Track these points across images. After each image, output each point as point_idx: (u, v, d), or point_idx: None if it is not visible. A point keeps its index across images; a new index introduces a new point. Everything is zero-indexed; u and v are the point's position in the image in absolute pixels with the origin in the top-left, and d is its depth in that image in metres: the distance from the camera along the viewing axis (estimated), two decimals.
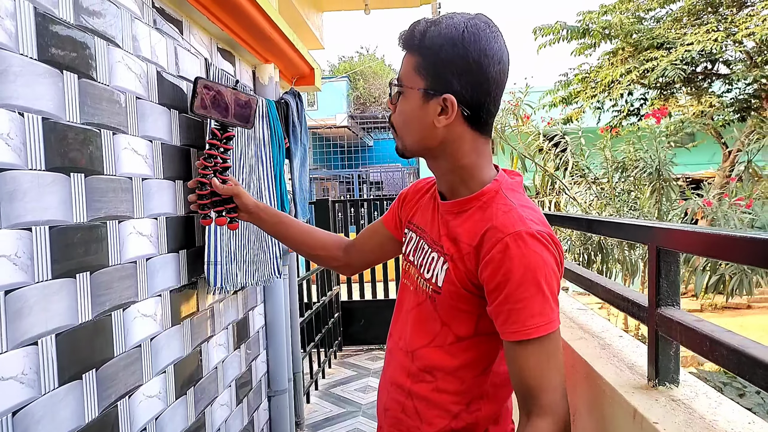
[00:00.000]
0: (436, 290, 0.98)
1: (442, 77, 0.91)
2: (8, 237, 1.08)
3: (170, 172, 1.78)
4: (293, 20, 3.89)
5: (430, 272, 1.00)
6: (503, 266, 0.86)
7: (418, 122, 0.95)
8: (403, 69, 0.96)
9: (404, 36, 0.95)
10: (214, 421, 2.08)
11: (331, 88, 13.13)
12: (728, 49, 8.34)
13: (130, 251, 1.52)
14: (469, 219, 0.95)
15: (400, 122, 0.99)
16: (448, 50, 0.90)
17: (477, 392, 0.97)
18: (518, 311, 0.86)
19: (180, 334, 1.82)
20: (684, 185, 5.88)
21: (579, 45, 9.53)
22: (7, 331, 1.07)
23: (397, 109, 0.99)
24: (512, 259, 0.85)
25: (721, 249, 0.75)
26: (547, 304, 0.86)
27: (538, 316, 0.85)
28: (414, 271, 1.06)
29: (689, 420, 0.84)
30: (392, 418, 1.07)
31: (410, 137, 0.98)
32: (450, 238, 0.97)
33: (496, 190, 0.96)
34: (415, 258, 1.07)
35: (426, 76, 0.92)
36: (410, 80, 0.94)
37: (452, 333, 0.97)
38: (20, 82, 1.12)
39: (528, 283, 0.85)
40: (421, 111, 0.94)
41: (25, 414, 1.11)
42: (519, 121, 6.04)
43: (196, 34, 2.04)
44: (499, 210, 0.92)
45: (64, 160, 1.25)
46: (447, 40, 0.90)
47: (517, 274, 0.85)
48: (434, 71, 0.91)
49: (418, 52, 0.93)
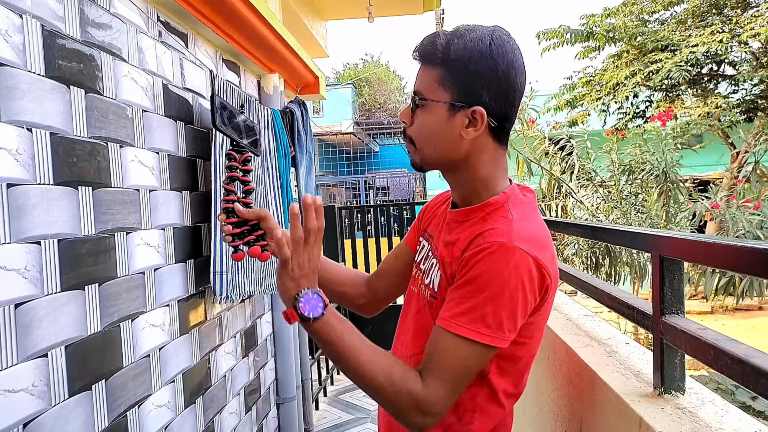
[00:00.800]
0: (433, 295, 0.99)
1: (471, 89, 0.91)
2: (18, 251, 1.09)
3: (177, 183, 1.80)
4: (297, 30, 3.91)
5: (428, 278, 1.01)
6: (470, 264, 0.87)
7: (443, 135, 0.94)
8: (422, 82, 0.94)
9: (423, 49, 0.94)
10: (223, 429, 2.09)
11: (336, 95, 13.18)
12: (733, 50, 8.31)
13: (138, 262, 1.53)
14: (469, 228, 0.95)
15: (421, 136, 0.96)
16: (477, 62, 0.89)
17: (470, 405, 0.95)
18: (456, 304, 0.87)
19: (188, 344, 1.83)
20: (692, 187, 5.86)
21: (583, 48, 9.54)
22: (17, 344, 1.08)
23: (416, 123, 0.96)
24: (480, 263, 0.86)
25: (725, 259, 0.75)
26: (479, 314, 0.84)
27: (467, 318, 0.85)
28: (420, 277, 1.07)
29: (695, 429, 0.84)
30: (388, 423, 1.07)
31: (433, 150, 0.96)
32: (446, 244, 0.98)
33: (502, 203, 0.95)
34: (423, 266, 1.08)
35: (452, 88, 0.91)
36: (433, 93, 0.93)
37: None
38: (28, 98, 1.14)
39: (477, 289, 0.85)
40: (447, 123, 0.93)
41: (36, 426, 1.12)
42: (524, 126, 6.04)
43: (201, 47, 2.06)
44: (497, 222, 0.91)
45: (72, 173, 1.27)
46: (475, 52, 0.89)
47: (475, 275, 0.86)
48: (462, 83, 0.91)
49: (442, 64, 0.91)
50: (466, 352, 0.86)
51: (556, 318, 1.58)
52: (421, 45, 0.94)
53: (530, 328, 0.93)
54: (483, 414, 0.96)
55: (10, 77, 1.09)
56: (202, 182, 2.00)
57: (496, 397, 0.96)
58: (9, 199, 1.07)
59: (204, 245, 1.98)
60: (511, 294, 0.84)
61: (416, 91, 0.95)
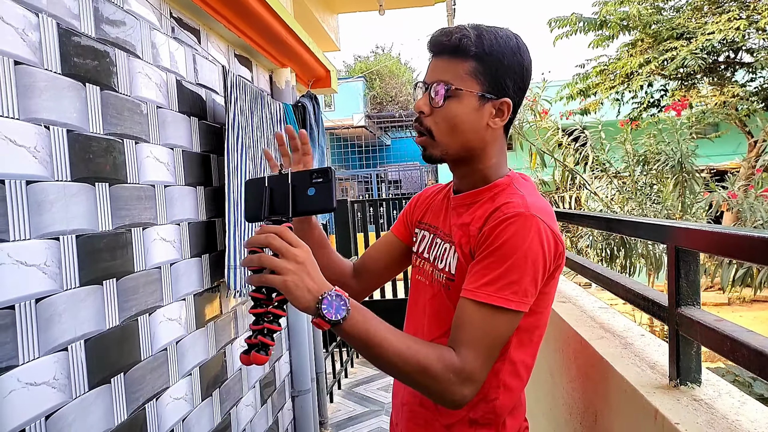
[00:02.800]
0: (450, 278, 1.00)
1: (501, 82, 0.96)
2: (37, 247, 1.11)
3: (191, 179, 1.82)
4: (309, 24, 3.91)
5: (443, 262, 1.03)
6: (492, 236, 0.90)
7: (471, 125, 0.97)
8: (449, 72, 0.95)
9: (452, 42, 0.94)
10: (239, 421, 2.12)
11: (348, 89, 13.17)
12: (751, 37, 8.15)
13: (154, 257, 1.55)
14: (480, 208, 0.99)
15: (445, 126, 0.97)
16: (510, 58, 0.95)
17: (494, 381, 0.98)
18: (481, 275, 0.89)
19: (204, 337, 1.86)
20: (708, 177, 5.78)
21: (596, 37, 9.41)
22: (38, 338, 1.10)
23: (440, 112, 0.97)
24: (502, 232, 0.89)
25: (742, 249, 0.74)
26: (507, 281, 0.88)
27: (494, 287, 0.88)
28: (429, 266, 1.08)
29: (711, 420, 0.83)
30: (409, 411, 1.08)
31: (456, 140, 0.98)
32: (459, 226, 1.01)
33: (507, 183, 1.01)
34: (429, 254, 1.09)
35: (483, 80, 0.95)
36: (464, 83, 0.95)
37: None
38: (45, 96, 1.15)
39: (502, 258, 0.88)
40: (476, 114, 0.96)
41: (57, 418, 1.15)
42: (537, 117, 5.98)
43: (213, 42, 2.07)
44: (509, 197, 0.96)
45: (89, 170, 1.28)
46: (507, 48, 0.95)
47: (499, 245, 0.89)
48: (494, 76, 0.95)
49: (476, 57, 0.94)
50: (496, 320, 0.89)
51: (571, 310, 1.58)
52: (448, 38, 0.95)
53: (545, 299, 0.96)
54: (506, 389, 0.99)
55: (27, 75, 1.11)
56: (216, 177, 2.01)
57: (517, 370, 0.99)
58: (28, 196, 1.09)
59: (218, 240, 2.00)
60: (534, 260, 0.88)
61: (443, 81, 0.95)
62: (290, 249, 0.80)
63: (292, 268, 0.79)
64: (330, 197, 0.85)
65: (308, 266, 0.81)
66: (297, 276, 0.79)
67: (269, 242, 0.80)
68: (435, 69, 0.98)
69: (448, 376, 0.87)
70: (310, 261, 0.82)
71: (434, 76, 0.97)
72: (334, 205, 0.85)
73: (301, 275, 0.80)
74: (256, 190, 0.88)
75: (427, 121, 0.98)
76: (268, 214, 0.86)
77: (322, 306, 0.80)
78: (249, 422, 2.23)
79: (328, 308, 0.80)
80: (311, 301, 0.81)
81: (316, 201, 0.85)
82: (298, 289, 0.80)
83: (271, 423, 2.50)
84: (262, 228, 0.82)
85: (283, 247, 0.80)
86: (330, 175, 0.85)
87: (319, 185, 0.85)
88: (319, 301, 0.80)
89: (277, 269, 0.79)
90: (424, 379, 0.87)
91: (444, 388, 0.87)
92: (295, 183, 0.85)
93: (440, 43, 0.96)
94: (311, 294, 0.81)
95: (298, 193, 0.85)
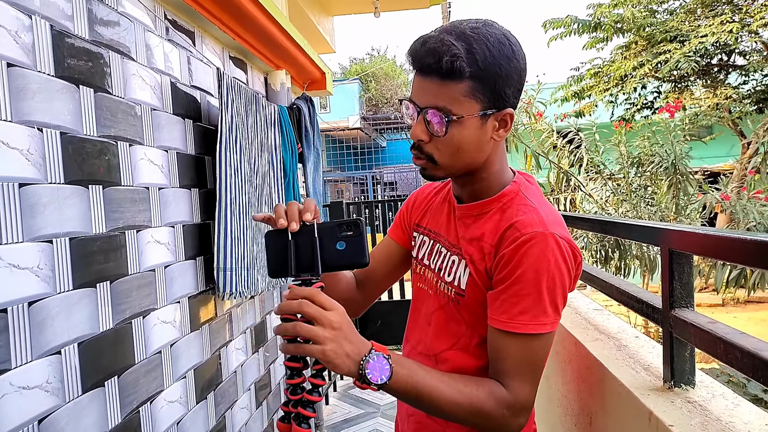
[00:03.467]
0: (459, 293, 0.97)
1: (501, 94, 0.89)
2: (30, 249, 1.11)
3: (186, 181, 1.81)
4: (304, 26, 3.91)
5: (451, 275, 0.99)
6: (514, 260, 0.87)
7: (476, 145, 0.92)
8: (445, 98, 0.87)
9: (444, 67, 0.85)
10: (234, 424, 2.11)
11: (343, 91, 13.17)
12: (744, 39, 8.21)
13: (148, 259, 1.55)
14: (489, 220, 0.95)
15: (448, 151, 0.91)
16: (506, 67, 0.88)
17: None
18: (512, 304, 0.87)
19: (199, 340, 1.85)
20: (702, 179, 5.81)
21: (590, 39, 9.46)
22: (31, 342, 1.10)
23: (444, 141, 0.90)
24: (524, 257, 0.87)
25: (735, 252, 0.74)
26: (540, 307, 0.87)
27: (529, 315, 0.86)
28: (432, 275, 1.05)
29: (705, 422, 0.83)
30: (416, 423, 1.06)
31: (461, 161, 0.93)
32: (470, 240, 0.97)
33: (516, 192, 0.96)
34: (431, 262, 1.06)
35: (482, 98, 0.88)
36: (463, 108, 0.88)
37: (477, 335, 0.97)
38: (38, 98, 1.15)
39: (530, 283, 0.86)
40: (480, 132, 0.91)
41: (50, 422, 1.14)
42: (532, 119, 6.01)
43: (208, 44, 2.07)
44: (519, 210, 0.92)
45: (83, 172, 1.28)
46: (502, 57, 0.87)
47: (523, 271, 0.87)
48: (492, 91, 0.88)
49: (471, 77, 0.86)
50: (536, 345, 0.88)
51: (565, 312, 1.58)
52: (437, 60, 0.85)
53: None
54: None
55: (20, 77, 1.10)
56: (211, 179, 2.01)
57: None
58: (21, 199, 1.08)
59: (213, 242, 1.99)
60: (560, 278, 0.88)
61: (439, 108, 0.87)
62: (325, 315, 0.76)
63: (329, 336, 0.76)
64: (363, 252, 0.80)
65: (345, 330, 0.78)
66: (335, 343, 0.76)
67: (302, 310, 0.76)
68: (427, 92, 0.88)
69: (502, 412, 0.86)
70: (346, 323, 0.78)
71: (428, 101, 0.88)
72: (367, 260, 0.81)
73: (340, 342, 0.77)
74: (278, 243, 0.82)
75: (428, 147, 0.92)
76: (296, 271, 0.80)
77: (366, 371, 0.78)
78: (244, 425, 2.22)
79: (371, 372, 0.78)
80: (352, 366, 0.78)
81: (346, 256, 0.81)
82: (338, 358, 0.76)
83: (266, 426, 2.49)
84: (291, 291, 0.78)
85: (318, 314, 0.76)
86: (361, 228, 0.80)
87: (349, 239, 0.80)
88: (362, 367, 0.78)
89: (314, 339, 0.76)
90: (479, 420, 0.87)
91: (501, 423, 0.87)
92: (322, 236, 0.80)
93: (428, 65, 0.86)
94: (351, 359, 0.77)
95: (327, 248, 0.80)
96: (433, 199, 1.12)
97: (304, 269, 0.80)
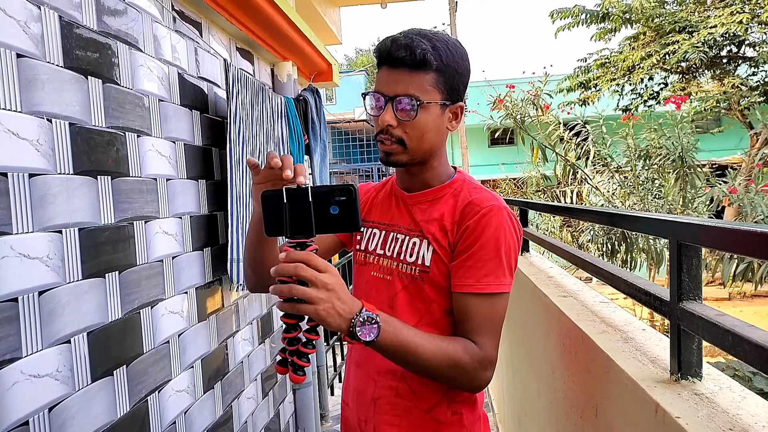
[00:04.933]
0: (424, 270, 1.07)
1: (456, 88, 1.05)
2: (40, 240, 1.12)
3: (193, 172, 1.82)
4: (310, 17, 3.90)
5: (413, 256, 1.08)
6: (476, 231, 1.01)
7: (437, 131, 1.06)
8: (414, 86, 1.00)
9: (417, 58, 0.99)
10: (241, 413, 2.13)
11: (349, 82, 13.14)
12: (753, 30, 8.12)
13: (156, 250, 1.55)
14: (446, 203, 1.08)
15: (415, 134, 1.03)
16: (461, 65, 1.05)
17: None
18: (477, 269, 1.01)
19: (206, 330, 1.86)
20: (709, 172, 5.76)
21: (598, 30, 9.38)
22: (41, 331, 1.11)
23: (409, 124, 1.02)
24: (487, 226, 1.01)
25: (744, 244, 0.74)
26: (501, 269, 1.01)
27: (492, 276, 1.00)
28: (388, 261, 1.13)
29: (712, 414, 0.83)
30: (386, 405, 1.10)
31: (426, 146, 1.06)
32: (429, 221, 1.08)
33: (462, 179, 1.12)
34: (386, 249, 1.14)
35: (443, 89, 1.03)
36: (429, 95, 1.02)
37: (440, 308, 1.07)
38: (47, 89, 1.15)
39: (492, 249, 1.00)
40: (440, 120, 1.05)
41: (60, 410, 1.15)
42: (539, 111, 5.97)
43: (215, 35, 2.07)
44: (472, 192, 1.08)
45: (91, 163, 1.29)
46: (459, 57, 1.04)
47: (484, 239, 1.01)
48: (451, 84, 1.04)
49: (437, 70, 1.01)
50: (499, 304, 1.02)
51: (572, 304, 1.58)
52: (411, 53, 0.99)
53: None
54: None
55: (30, 68, 1.10)
56: (218, 171, 2.01)
57: None
58: (31, 189, 1.09)
59: (220, 233, 2.00)
60: (514, 245, 1.04)
61: (410, 95, 1.00)
62: (318, 277, 0.81)
63: (323, 296, 0.82)
64: (355, 217, 0.84)
65: (338, 291, 0.84)
66: (328, 303, 0.82)
67: (297, 273, 0.81)
68: (398, 82, 1.01)
69: (475, 365, 0.98)
70: (339, 285, 0.84)
71: (399, 90, 1.01)
72: (359, 225, 0.85)
73: (332, 302, 0.83)
74: (274, 204, 0.85)
75: (397, 131, 1.03)
76: (290, 232, 0.84)
77: (356, 329, 0.85)
78: (250, 415, 2.24)
79: (361, 330, 0.85)
80: (343, 323, 0.84)
81: (339, 220, 0.84)
82: (330, 316, 0.83)
83: (272, 415, 2.51)
84: (287, 255, 0.82)
85: (312, 276, 0.81)
86: (353, 194, 0.84)
87: (342, 204, 0.83)
88: (353, 325, 0.85)
89: (308, 299, 0.81)
90: (455, 373, 0.97)
91: (473, 376, 0.99)
92: (316, 200, 0.83)
93: (401, 58, 0.99)
94: (342, 318, 0.84)
95: (320, 211, 0.83)
96: (375, 196, 1.23)
97: (298, 231, 0.84)
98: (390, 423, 1.09)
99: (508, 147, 15.36)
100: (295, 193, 0.83)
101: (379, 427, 1.11)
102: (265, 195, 0.87)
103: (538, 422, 1.87)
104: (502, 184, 10.64)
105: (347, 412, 1.21)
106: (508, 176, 10.52)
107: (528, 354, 1.97)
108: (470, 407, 1.11)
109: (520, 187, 10.07)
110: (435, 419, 1.08)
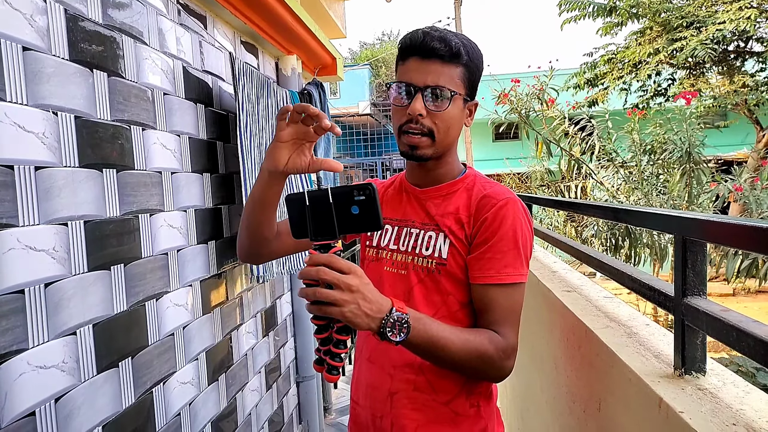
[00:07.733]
0: (441, 262, 1.07)
1: (475, 86, 1.09)
2: (46, 232, 1.12)
3: (198, 166, 1.82)
4: (315, 11, 3.89)
5: (429, 249, 1.09)
6: (494, 224, 1.03)
7: (459, 125, 1.09)
8: (444, 77, 1.02)
9: (453, 50, 1.01)
10: (245, 405, 2.14)
11: (354, 76, 13.10)
12: (762, 26, 8.05)
13: (161, 243, 1.56)
14: (460, 197, 1.10)
15: (444, 126, 1.05)
16: (480, 63, 1.08)
17: None
18: (497, 260, 1.02)
19: (211, 323, 1.87)
20: (715, 168, 5.73)
21: (605, 23, 9.31)
22: (48, 322, 1.12)
23: (440, 115, 1.03)
24: (504, 218, 1.03)
25: (750, 240, 0.74)
26: (519, 260, 1.03)
27: (511, 267, 1.02)
28: (403, 256, 1.12)
29: (715, 409, 0.83)
30: (404, 399, 1.09)
31: (449, 139, 1.08)
32: (444, 215, 1.09)
33: (474, 175, 1.14)
34: (401, 245, 1.13)
35: (466, 85, 1.06)
36: (458, 88, 1.04)
37: (456, 301, 1.07)
38: (53, 82, 1.15)
39: (509, 240, 1.02)
40: (461, 115, 1.08)
41: (66, 400, 1.16)
42: (544, 105, 5.95)
43: (219, 29, 2.07)
44: (485, 186, 1.10)
45: (97, 156, 1.29)
46: (480, 55, 1.08)
47: (503, 231, 1.02)
48: (472, 81, 1.07)
49: (465, 64, 1.04)
50: (517, 294, 1.04)
51: (576, 299, 1.58)
52: (446, 45, 1.01)
53: None
54: None
55: (36, 61, 1.11)
56: (223, 164, 2.02)
57: None
58: (37, 182, 1.10)
59: (224, 227, 2.01)
60: (529, 236, 1.07)
61: (443, 86, 1.02)
62: (342, 279, 0.81)
63: (347, 298, 0.81)
64: (376, 216, 0.83)
65: (363, 291, 0.83)
66: (354, 305, 0.82)
67: (320, 277, 0.80)
68: (429, 72, 1.01)
69: (500, 354, 0.99)
70: (363, 285, 0.83)
71: (432, 80, 1.01)
72: (381, 223, 0.84)
73: (358, 302, 0.82)
74: (297, 208, 0.86)
75: (426, 122, 1.03)
76: (314, 235, 0.85)
77: (387, 330, 0.85)
78: (254, 407, 2.25)
79: (392, 330, 0.85)
80: (372, 323, 0.84)
81: (361, 220, 0.84)
82: (357, 317, 0.82)
83: (276, 408, 2.52)
84: (311, 258, 0.83)
85: (335, 279, 0.80)
86: (373, 192, 0.83)
87: (363, 204, 0.83)
88: (382, 325, 0.85)
89: (333, 302, 0.81)
90: (482, 364, 0.98)
91: (499, 365, 1.00)
92: (337, 201, 0.83)
93: (435, 49, 1.00)
94: (371, 317, 0.84)
95: (342, 212, 0.83)
96: (385, 193, 1.23)
97: (322, 233, 0.84)
98: (408, 417, 1.08)
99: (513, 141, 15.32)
100: (317, 196, 0.83)
101: (396, 422, 1.09)
102: (288, 200, 0.87)
103: (541, 417, 1.87)
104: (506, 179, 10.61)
105: (357, 410, 1.19)
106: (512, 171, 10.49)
107: (531, 349, 1.97)
108: (487, 399, 1.12)
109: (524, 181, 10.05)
110: (454, 411, 1.08)
